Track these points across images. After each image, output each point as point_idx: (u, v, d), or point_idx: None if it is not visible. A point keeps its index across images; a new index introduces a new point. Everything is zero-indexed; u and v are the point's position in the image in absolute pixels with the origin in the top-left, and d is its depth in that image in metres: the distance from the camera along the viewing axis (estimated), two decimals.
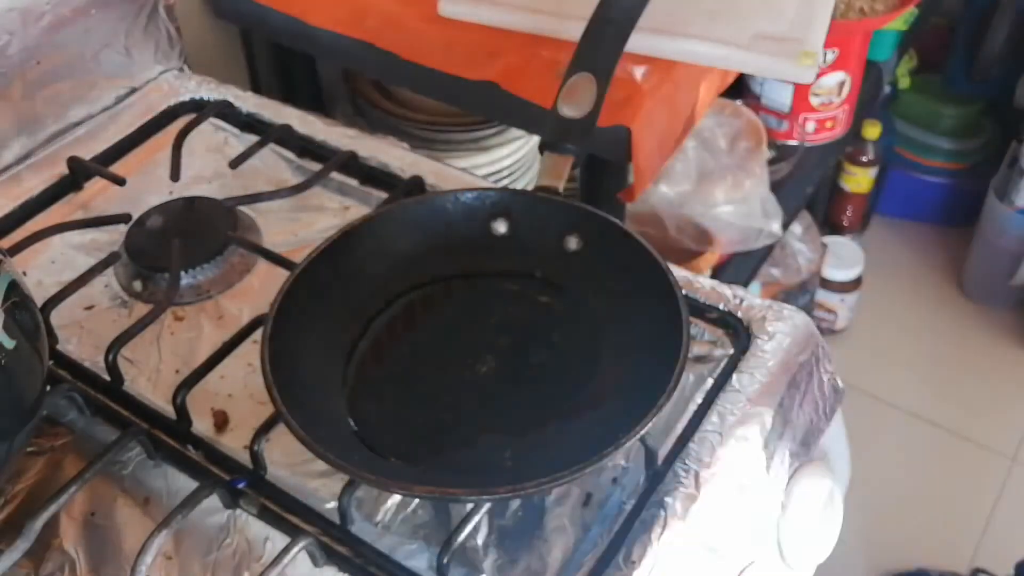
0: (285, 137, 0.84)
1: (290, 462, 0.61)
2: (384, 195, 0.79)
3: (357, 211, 0.80)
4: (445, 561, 0.54)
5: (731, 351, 0.67)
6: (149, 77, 0.92)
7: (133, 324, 0.67)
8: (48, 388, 0.62)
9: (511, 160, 1.10)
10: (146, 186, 0.83)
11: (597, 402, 0.59)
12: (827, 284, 1.79)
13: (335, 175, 0.81)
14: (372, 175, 0.82)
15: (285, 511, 0.59)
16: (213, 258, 0.74)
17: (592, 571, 0.56)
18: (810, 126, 1.47)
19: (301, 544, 0.55)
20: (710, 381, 0.65)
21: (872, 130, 1.76)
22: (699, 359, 0.67)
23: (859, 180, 1.86)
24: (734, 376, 0.64)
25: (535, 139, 1.10)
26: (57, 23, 0.82)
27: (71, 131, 0.86)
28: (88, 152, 0.84)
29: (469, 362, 0.63)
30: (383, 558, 0.57)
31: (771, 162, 1.34)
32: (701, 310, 0.69)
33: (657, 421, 0.52)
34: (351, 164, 0.81)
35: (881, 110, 1.83)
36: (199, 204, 0.79)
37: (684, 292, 0.59)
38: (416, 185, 0.78)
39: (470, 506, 0.56)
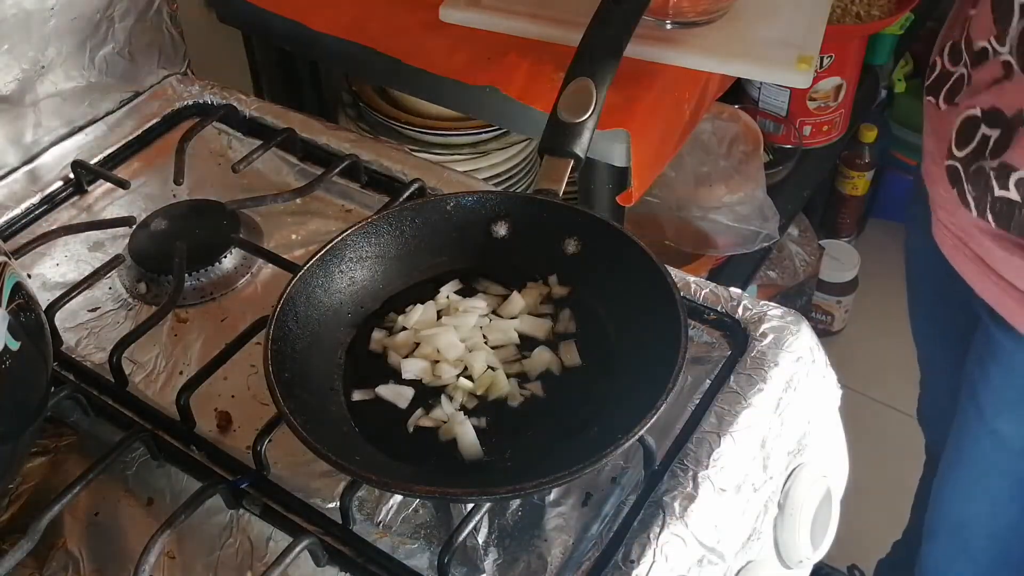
0: (288, 141, 0.85)
1: (292, 462, 0.62)
2: (386, 198, 0.80)
3: (359, 214, 0.81)
4: (446, 560, 0.54)
5: (729, 353, 0.68)
6: (153, 82, 0.92)
7: (137, 326, 0.68)
8: (52, 389, 0.63)
9: (511, 164, 1.10)
10: (150, 189, 0.84)
11: (596, 403, 0.60)
12: (824, 286, 1.79)
13: (337, 179, 0.82)
14: (374, 179, 0.82)
15: (287, 511, 0.59)
16: (216, 261, 0.75)
17: (591, 570, 0.56)
18: (807, 130, 1.48)
19: (303, 544, 0.55)
20: (708, 382, 0.66)
21: (868, 134, 1.76)
22: (697, 360, 0.68)
23: (856, 183, 1.86)
24: (732, 377, 0.65)
25: (535, 143, 1.10)
26: (61, 28, 0.82)
27: (75, 135, 0.87)
28: (92, 156, 0.85)
29: None
30: (384, 557, 0.57)
31: (768, 165, 1.34)
32: (699, 312, 0.70)
33: (656, 422, 0.53)
34: (353, 168, 0.82)
35: (877, 114, 1.83)
36: (202, 207, 0.79)
37: (682, 294, 0.59)
38: (417, 189, 0.79)
39: (470, 506, 0.56)
